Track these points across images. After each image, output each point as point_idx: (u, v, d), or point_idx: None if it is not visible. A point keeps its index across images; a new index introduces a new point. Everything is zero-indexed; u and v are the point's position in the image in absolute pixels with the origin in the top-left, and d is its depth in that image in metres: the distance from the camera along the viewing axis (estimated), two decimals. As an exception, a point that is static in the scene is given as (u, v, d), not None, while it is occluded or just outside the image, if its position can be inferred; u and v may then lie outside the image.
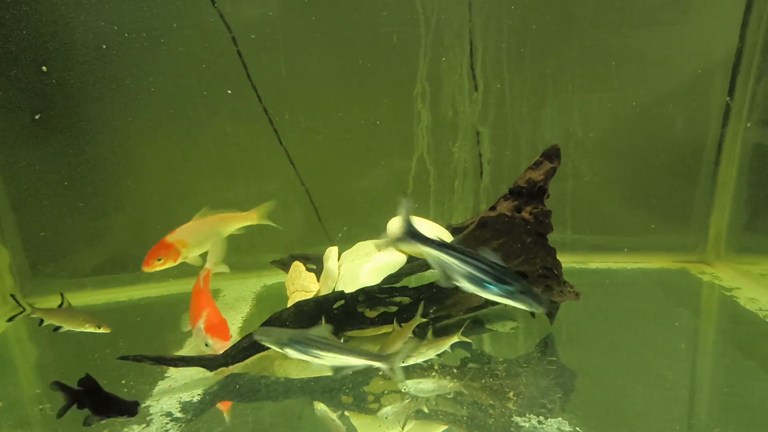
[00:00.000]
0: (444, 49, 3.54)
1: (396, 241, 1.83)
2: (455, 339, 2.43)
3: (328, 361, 1.97)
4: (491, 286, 1.68)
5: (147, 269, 2.73)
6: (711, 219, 3.66)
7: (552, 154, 2.40)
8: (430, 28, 3.49)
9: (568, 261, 2.61)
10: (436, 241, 1.75)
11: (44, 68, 3.03)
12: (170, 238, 2.81)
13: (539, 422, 1.99)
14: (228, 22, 3.35)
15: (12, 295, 2.62)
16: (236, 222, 3.04)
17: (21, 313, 2.71)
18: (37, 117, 3.26)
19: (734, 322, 2.96)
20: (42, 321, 2.60)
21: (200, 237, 2.90)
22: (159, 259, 2.74)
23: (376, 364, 1.99)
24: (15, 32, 3.14)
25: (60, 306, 2.65)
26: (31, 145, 3.37)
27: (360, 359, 1.98)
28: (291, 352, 1.96)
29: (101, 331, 2.50)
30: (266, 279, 3.76)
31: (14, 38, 3.15)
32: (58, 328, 2.54)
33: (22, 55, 3.18)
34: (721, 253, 3.69)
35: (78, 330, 2.53)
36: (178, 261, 2.81)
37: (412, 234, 1.77)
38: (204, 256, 2.92)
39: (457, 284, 1.73)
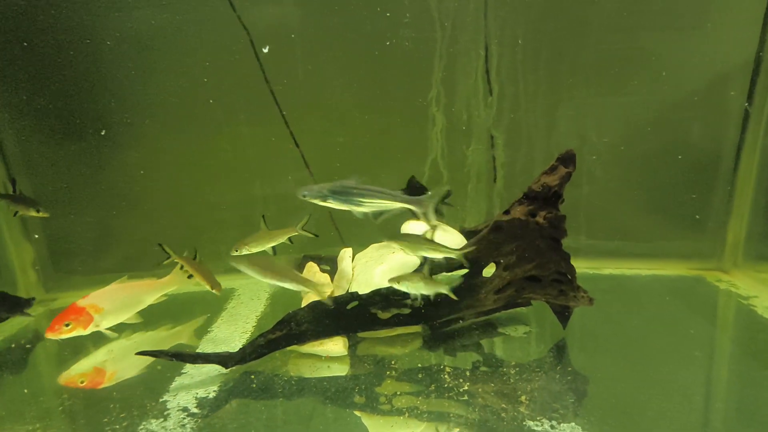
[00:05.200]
0: (459, 54, 3.56)
1: None
2: (443, 289, 2.43)
3: (367, 207, 2.11)
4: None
5: (51, 335, 2.44)
6: (728, 226, 3.62)
7: (567, 159, 2.40)
8: (445, 33, 3.51)
9: (581, 266, 2.60)
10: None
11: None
12: (82, 302, 2.55)
13: (552, 426, 1.99)
14: (247, 27, 3.41)
15: (159, 244, 2.74)
16: (156, 289, 2.90)
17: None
18: (103, 132, 3.39)
19: (751, 331, 2.92)
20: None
21: (118, 304, 2.66)
22: (67, 325, 2.45)
23: (410, 206, 2.12)
24: (44, 36, 3.24)
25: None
26: (55, 145, 3.47)
27: (396, 202, 2.12)
28: (333, 204, 2.07)
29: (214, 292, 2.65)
30: (280, 279, 3.80)
31: (43, 43, 3.25)
32: (190, 275, 2.72)
33: (50, 59, 3.29)
34: (739, 260, 3.64)
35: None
36: (89, 329, 2.52)
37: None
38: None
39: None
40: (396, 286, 2.43)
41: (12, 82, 3.32)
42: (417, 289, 2.41)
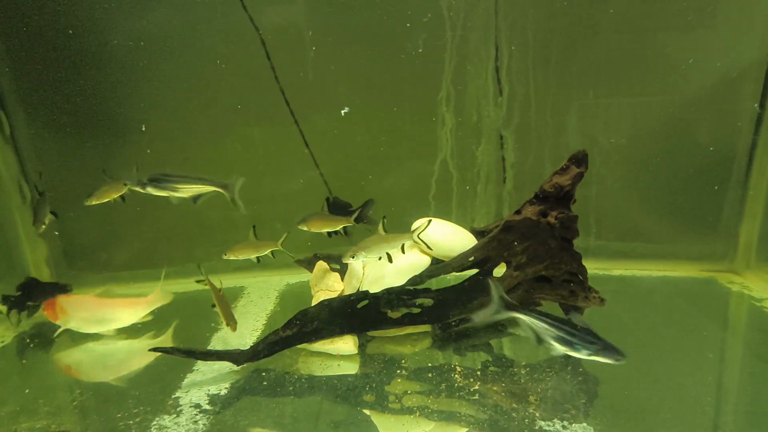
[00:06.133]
0: (469, 54, 3.56)
1: (494, 313, 2.12)
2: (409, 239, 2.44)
3: (183, 192, 2.45)
4: (578, 346, 1.96)
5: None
6: (741, 227, 3.58)
7: (580, 159, 2.39)
8: (456, 33, 3.51)
9: (591, 267, 2.59)
10: (531, 310, 2.08)
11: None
12: (61, 299, 2.84)
13: (563, 427, 1.99)
14: (257, 26, 3.43)
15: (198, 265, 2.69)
16: (139, 308, 2.87)
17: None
18: (143, 128, 3.47)
19: (764, 333, 2.89)
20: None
21: (83, 315, 2.79)
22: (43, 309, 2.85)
23: (219, 189, 2.51)
24: (60, 35, 3.28)
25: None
26: (68, 144, 3.51)
27: (207, 186, 2.50)
28: (153, 191, 2.42)
29: (228, 327, 2.55)
30: (289, 278, 3.82)
31: (54, 43, 3.29)
32: (213, 305, 2.62)
33: (65, 57, 3.32)
34: (752, 262, 3.60)
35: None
36: (57, 321, 2.81)
37: (507, 305, 2.09)
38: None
39: (548, 345, 2.03)
40: (352, 261, 2.41)
41: (27, 80, 3.36)
42: (379, 251, 2.37)
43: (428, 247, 2.59)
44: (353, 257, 2.40)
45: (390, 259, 2.53)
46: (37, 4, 3.22)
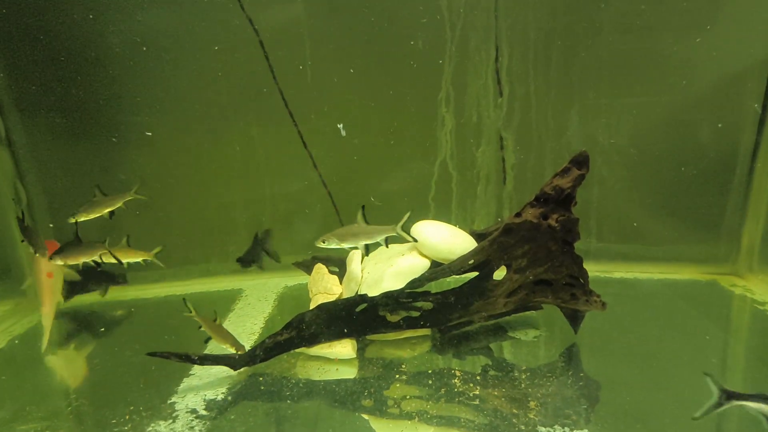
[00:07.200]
0: (469, 54, 3.53)
1: (716, 406, 1.99)
2: (391, 232, 2.41)
3: None
4: None
5: None
6: (744, 229, 3.55)
7: (581, 161, 2.36)
8: (455, 33, 3.48)
9: (592, 270, 2.56)
10: (756, 395, 1.96)
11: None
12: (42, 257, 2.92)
13: (564, 433, 1.96)
14: (256, 28, 3.41)
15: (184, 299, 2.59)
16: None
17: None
18: (149, 134, 3.46)
19: (766, 337, 2.86)
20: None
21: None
22: None
23: None
24: (57, 36, 3.26)
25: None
26: (66, 145, 3.49)
27: None
28: None
29: (238, 354, 2.43)
30: (287, 280, 3.80)
31: (50, 44, 3.26)
32: (208, 339, 2.55)
33: (63, 58, 3.30)
34: (754, 265, 3.57)
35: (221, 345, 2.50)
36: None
37: (729, 395, 1.98)
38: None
39: None
40: (323, 245, 2.38)
41: (24, 81, 3.34)
42: (354, 241, 2.36)
43: (413, 239, 2.55)
44: (324, 242, 2.39)
45: (367, 251, 2.49)
46: (34, 5, 3.20)
